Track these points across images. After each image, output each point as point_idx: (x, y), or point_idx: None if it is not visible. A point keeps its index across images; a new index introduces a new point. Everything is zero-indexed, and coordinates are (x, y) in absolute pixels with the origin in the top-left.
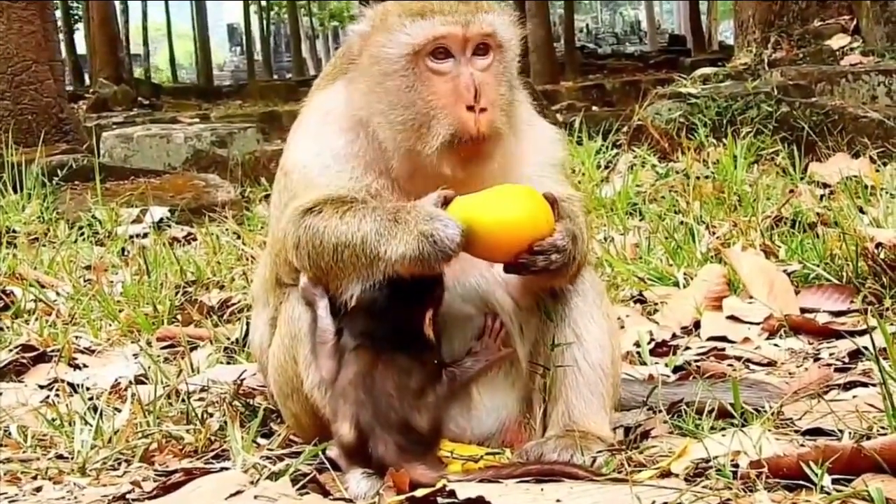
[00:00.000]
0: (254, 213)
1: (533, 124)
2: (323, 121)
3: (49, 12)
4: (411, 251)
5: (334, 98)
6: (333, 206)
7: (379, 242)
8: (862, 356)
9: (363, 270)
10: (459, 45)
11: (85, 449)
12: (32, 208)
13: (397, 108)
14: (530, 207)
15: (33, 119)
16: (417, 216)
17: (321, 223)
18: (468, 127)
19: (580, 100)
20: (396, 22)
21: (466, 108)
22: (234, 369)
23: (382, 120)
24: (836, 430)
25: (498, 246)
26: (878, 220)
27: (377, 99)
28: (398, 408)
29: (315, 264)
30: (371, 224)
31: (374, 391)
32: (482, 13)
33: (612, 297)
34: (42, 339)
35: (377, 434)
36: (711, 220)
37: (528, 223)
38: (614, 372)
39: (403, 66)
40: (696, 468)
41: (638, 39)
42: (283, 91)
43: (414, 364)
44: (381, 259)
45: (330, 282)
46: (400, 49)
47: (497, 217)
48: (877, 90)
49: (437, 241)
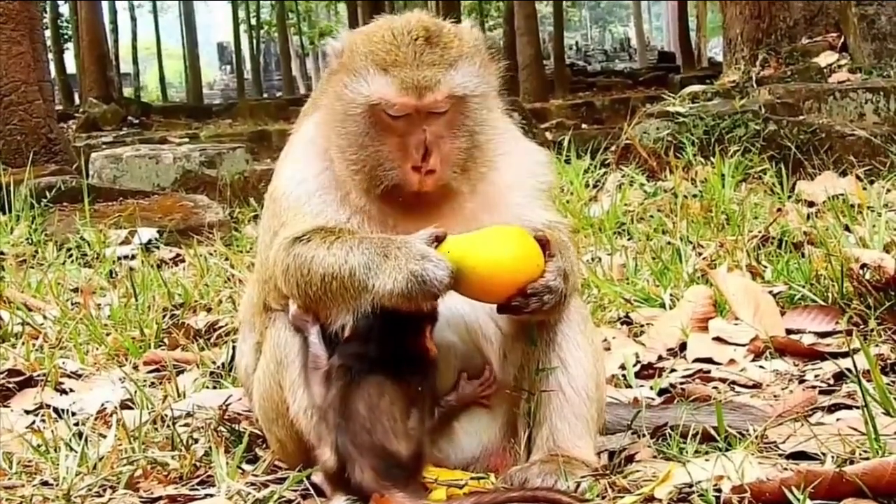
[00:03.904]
0: (242, 233)
1: (518, 149)
2: (306, 148)
3: (38, 32)
4: (399, 288)
5: (316, 126)
6: (321, 235)
7: (367, 276)
8: (846, 378)
9: (351, 302)
10: (413, 110)
11: (70, 476)
12: (21, 230)
13: (353, 146)
14: (522, 249)
15: (22, 139)
16: (408, 253)
17: (309, 252)
18: (411, 184)
19: (569, 117)
20: (360, 66)
21: (413, 167)
22: (220, 394)
23: (340, 156)
24: (820, 453)
25: (490, 288)
26: (864, 239)
27: (336, 134)
28: (373, 432)
29: (304, 293)
30: (359, 257)
31: (349, 415)
32: (444, 71)
33: (599, 318)
34: (28, 364)
35: (354, 459)
36: (698, 241)
37: (520, 265)
38: (598, 396)
39: (360, 113)
40: (680, 493)
41: (627, 56)
42: (273, 110)
43: (396, 387)
44: (369, 292)
45: (319, 311)
46: (357, 97)
47: (488, 259)
48: (864, 108)
49: (426, 281)
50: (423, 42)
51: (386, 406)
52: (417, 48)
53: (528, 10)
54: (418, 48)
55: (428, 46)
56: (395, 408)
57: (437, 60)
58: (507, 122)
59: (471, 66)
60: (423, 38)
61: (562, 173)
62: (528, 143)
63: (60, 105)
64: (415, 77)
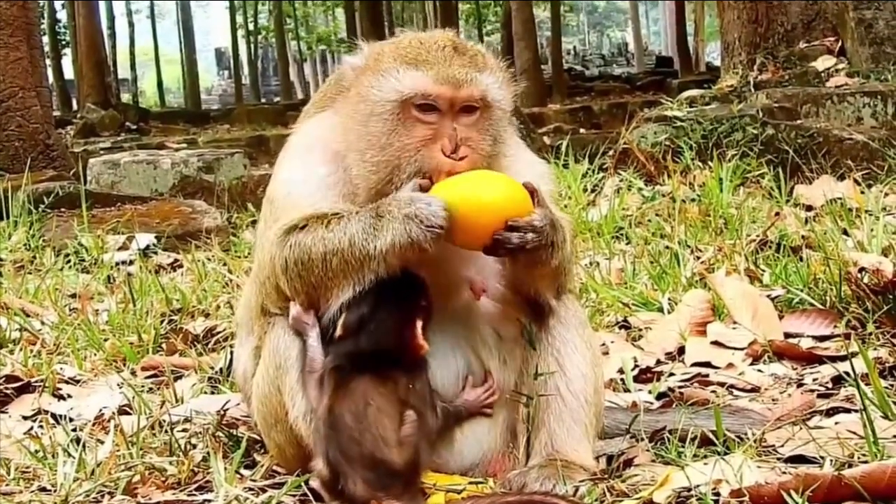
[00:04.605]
0: (240, 238)
1: (519, 159)
2: (309, 149)
3: (36, 38)
4: (399, 237)
5: (321, 127)
6: (318, 220)
7: (366, 240)
8: (845, 381)
9: (354, 275)
10: (447, 104)
11: (68, 482)
12: (18, 236)
13: (375, 148)
14: (508, 190)
15: (20, 145)
16: (399, 203)
17: (307, 237)
18: (442, 166)
19: (567, 122)
20: (390, 66)
21: (444, 153)
22: (219, 399)
23: (358, 158)
24: (818, 457)
25: (476, 226)
26: (862, 243)
27: (357, 137)
28: (362, 443)
29: (305, 281)
30: (356, 225)
31: (337, 426)
32: (476, 72)
33: (597, 322)
34: (26, 370)
35: (345, 470)
36: (697, 245)
37: (506, 203)
38: (597, 401)
39: (389, 110)
40: (678, 497)
41: (625, 61)
42: (271, 115)
43: (386, 391)
44: (372, 256)
45: (321, 297)
46: (388, 95)
47: (475, 197)
48: (862, 112)
49: (423, 220)
50: (451, 49)
51: (374, 415)
52: (447, 53)
53: (526, 15)
54: (447, 53)
55: (456, 53)
56: (385, 416)
57: (468, 64)
58: (515, 136)
59: (496, 79)
60: (451, 47)
61: (560, 178)
62: (531, 155)
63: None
64: (449, 72)
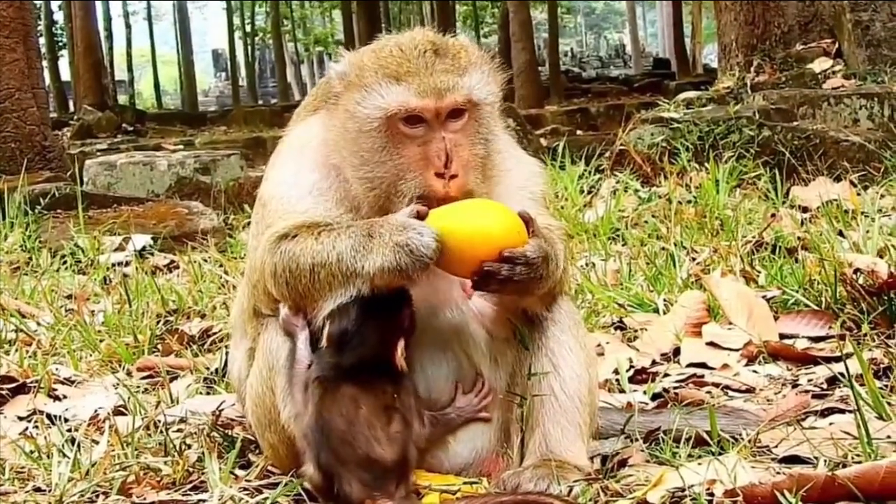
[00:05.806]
0: (237, 240)
1: (512, 160)
2: (300, 153)
3: (32, 39)
4: (388, 263)
5: (311, 131)
6: (309, 230)
7: (355, 259)
8: (840, 382)
9: (340, 289)
10: (433, 114)
11: (62, 482)
12: (15, 237)
13: (369, 164)
14: (503, 219)
15: (16, 147)
16: (391, 228)
17: (297, 247)
18: (436, 191)
19: (564, 124)
20: (372, 80)
21: (436, 174)
22: (214, 400)
23: (354, 174)
24: (813, 457)
25: (468, 256)
26: (857, 244)
27: (350, 152)
28: (355, 444)
29: (293, 289)
30: (346, 241)
31: (328, 431)
32: (458, 77)
33: (593, 323)
34: (22, 370)
35: (339, 473)
36: (692, 246)
37: (500, 233)
38: (591, 401)
39: (376, 127)
40: (673, 497)
41: (622, 63)
42: (268, 116)
43: (371, 395)
44: (359, 275)
45: (308, 305)
46: (373, 112)
47: (469, 227)
48: (858, 114)
49: (414, 250)
50: (432, 54)
51: (364, 415)
52: (428, 59)
53: (523, 17)
54: (428, 59)
55: (437, 58)
56: (373, 415)
57: (450, 68)
58: (504, 131)
59: (481, 75)
60: (432, 50)
61: (557, 179)
62: (522, 153)
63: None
64: (431, 82)
